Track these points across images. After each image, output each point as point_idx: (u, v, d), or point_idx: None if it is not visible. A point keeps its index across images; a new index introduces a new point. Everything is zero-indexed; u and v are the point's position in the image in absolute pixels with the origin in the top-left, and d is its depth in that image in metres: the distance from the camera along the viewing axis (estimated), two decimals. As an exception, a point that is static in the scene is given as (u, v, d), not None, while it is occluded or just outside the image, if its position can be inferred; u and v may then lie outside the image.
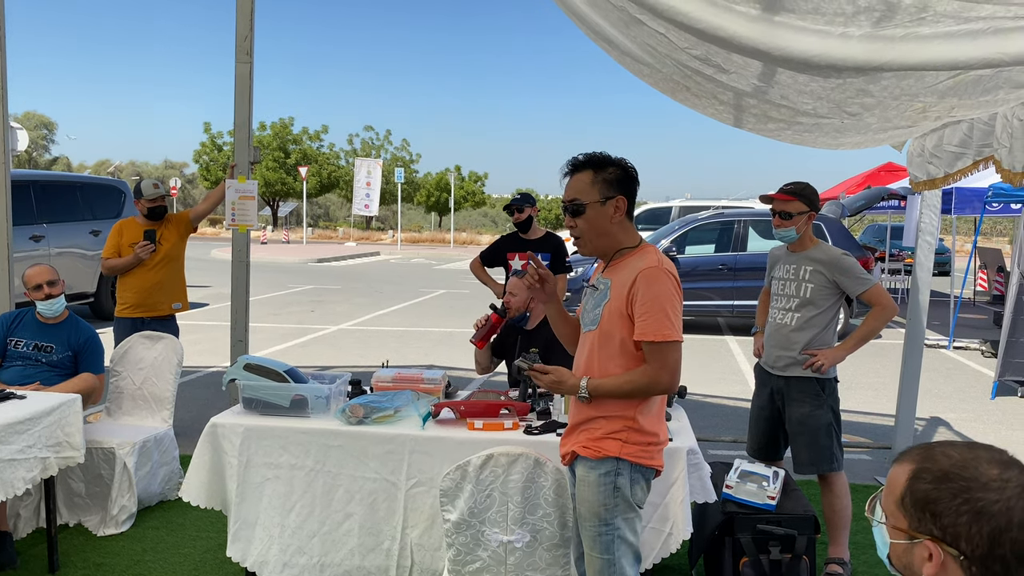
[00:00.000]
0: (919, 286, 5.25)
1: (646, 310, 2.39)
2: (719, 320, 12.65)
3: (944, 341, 10.86)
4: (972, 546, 1.21)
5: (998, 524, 1.20)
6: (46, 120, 57.85)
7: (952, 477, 1.24)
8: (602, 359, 2.50)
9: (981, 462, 1.24)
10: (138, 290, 5.34)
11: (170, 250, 5.45)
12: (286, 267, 22.97)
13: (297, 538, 3.41)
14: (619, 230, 2.54)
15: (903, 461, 1.33)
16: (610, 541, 2.49)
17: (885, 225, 18.53)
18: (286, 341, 10.25)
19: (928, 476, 1.27)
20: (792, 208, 3.80)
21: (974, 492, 1.22)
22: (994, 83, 2.73)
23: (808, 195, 3.80)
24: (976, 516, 1.21)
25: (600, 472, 2.48)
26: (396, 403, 3.51)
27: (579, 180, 2.53)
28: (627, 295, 2.43)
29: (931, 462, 1.28)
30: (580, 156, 2.57)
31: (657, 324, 2.39)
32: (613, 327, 2.47)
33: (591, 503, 2.49)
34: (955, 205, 10.85)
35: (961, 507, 1.22)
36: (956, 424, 6.86)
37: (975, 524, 1.21)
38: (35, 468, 3.50)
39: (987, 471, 1.23)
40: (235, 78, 5.37)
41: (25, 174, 11.11)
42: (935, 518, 1.25)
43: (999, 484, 1.21)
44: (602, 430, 2.49)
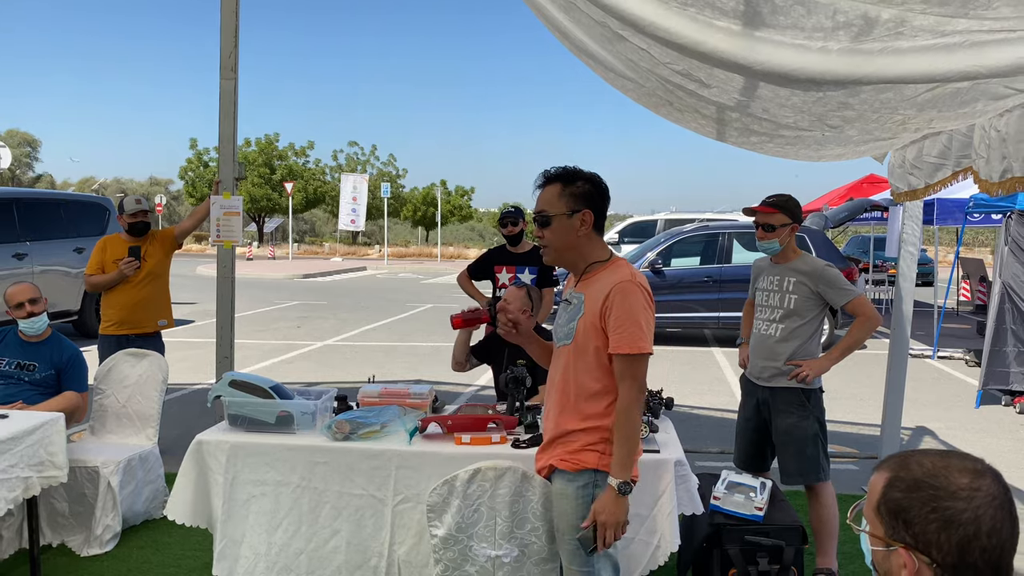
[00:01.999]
0: (902, 296, 5.29)
1: (620, 323, 2.42)
2: (705, 332, 12.69)
3: (928, 351, 10.93)
4: (943, 554, 1.23)
5: (966, 533, 1.21)
6: (29, 138, 57.50)
7: (923, 486, 1.26)
8: (577, 372, 2.52)
9: (952, 471, 1.26)
10: (123, 307, 5.31)
11: (155, 267, 5.42)
12: (272, 283, 22.89)
13: (284, 556, 3.38)
14: (586, 243, 2.57)
15: (881, 469, 1.35)
16: (575, 550, 2.51)
17: (868, 236, 18.68)
18: (272, 357, 10.20)
19: (901, 485, 1.28)
20: (775, 220, 3.83)
21: (943, 501, 1.23)
22: (971, 95, 2.77)
23: (791, 207, 3.84)
24: (945, 524, 1.22)
25: (578, 484, 2.50)
26: (383, 418, 3.50)
27: (548, 192, 2.57)
28: (600, 309, 2.46)
29: (905, 471, 1.30)
30: (552, 169, 2.61)
31: (631, 336, 2.42)
32: (588, 340, 2.50)
33: (570, 516, 2.51)
34: (937, 216, 10.95)
35: (930, 515, 1.24)
36: (941, 433, 6.90)
37: (944, 532, 1.22)
38: (17, 488, 3.46)
39: (957, 480, 1.24)
40: (220, 94, 5.37)
41: (8, 192, 11.03)
42: (907, 526, 1.26)
43: (968, 493, 1.23)
44: (579, 442, 2.51)
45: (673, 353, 10.97)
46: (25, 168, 56.99)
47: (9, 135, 54.45)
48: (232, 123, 5.40)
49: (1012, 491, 1.27)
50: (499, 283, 5.51)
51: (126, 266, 5.26)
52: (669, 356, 10.71)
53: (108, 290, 5.35)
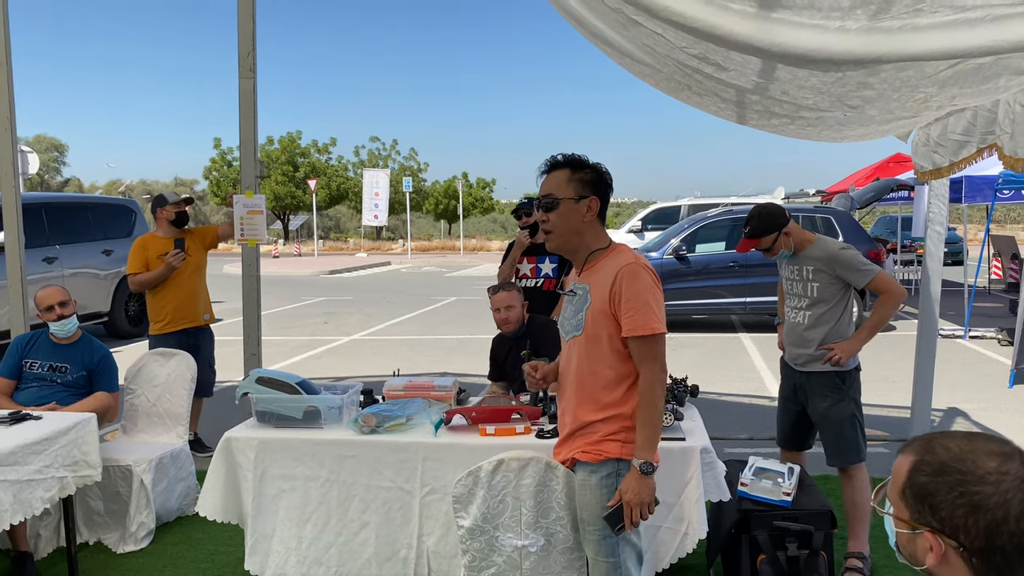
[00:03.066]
0: (930, 276, 5.22)
1: (631, 306, 2.44)
2: (733, 318, 12.61)
3: (960, 331, 10.78)
4: (970, 539, 1.21)
5: (994, 517, 1.20)
6: (57, 143, 58.37)
7: (949, 470, 1.24)
8: (591, 362, 2.53)
9: (979, 454, 1.24)
10: (178, 302, 5.48)
11: (198, 260, 5.62)
12: (298, 280, 23.06)
13: (314, 549, 3.42)
14: (589, 230, 2.60)
15: (906, 452, 1.34)
16: (614, 544, 2.52)
17: (896, 216, 18.42)
18: (299, 354, 10.29)
19: (927, 469, 1.27)
20: (764, 244, 3.85)
21: (970, 486, 1.22)
22: (994, 71, 2.72)
23: (767, 222, 3.81)
24: (973, 509, 1.21)
25: (602, 475, 2.52)
26: (408, 411, 3.53)
27: (555, 177, 2.60)
28: (609, 295, 2.48)
29: (930, 454, 1.28)
30: (559, 156, 2.64)
31: (644, 318, 2.43)
32: (599, 329, 2.51)
33: (593, 506, 2.52)
34: (965, 193, 10.77)
35: (957, 500, 1.22)
36: (974, 414, 6.80)
37: (971, 517, 1.21)
38: (53, 488, 3.53)
39: (985, 464, 1.23)
40: (239, 94, 5.41)
41: (36, 197, 11.20)
42: (933, 511, 1.25)
43: (996, 477, 1.21)
44: (600, 433, 2.53)
45: (701, 340, 10.92)
46: (53, 173, 57.82)
47: (37, 140, 55.28)
48: (252, 122, 5.44)
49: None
50: (520, 273, 5.50)
51: (174, 258, 5.39)
52: (696, 343, 10.65)
53: (155, 288, 5.44)
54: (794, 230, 3.85)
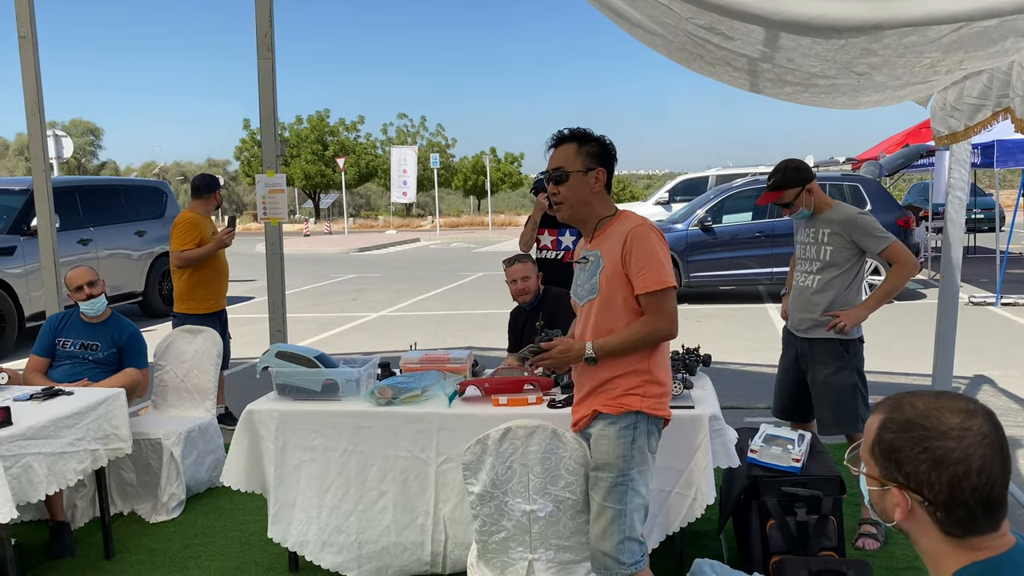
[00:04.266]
0: (951, 242, 5.17)
1: (643, 264, 2.56)
2: (759, 288, 12.54)
3: (992, 298, 10.63)
4: (934, 493, 1.26)
5: (956, 472, 1.24)
6: (92, 126, 59.20)
7: (914, 427, 1.29)
8: (608, 321, 2.66)
9: (944, 411, 1.28)
10: (223, 282, 5.75)
11: None
12: (329, 258, 23.30)
13: (335, 517, 3.53)
14: (597, 200, 2.72)
15: (876, 411, 1.38)
16: (624, 491, 2.62)
17: (929, 183, 18.10)
18: (328, 330, 10.45)
19: (893, 426, 1.32)
20: (786, 198, 3.83)
21: (933, 441, 1.26)
22: (1000, 33, 2.70)
23: (791, 176, 3.80)
24: (936, 464, 1.25)
25: (621, 426, 2.62)
26: (423, 383, 3.61)
27: (564, 151, 2.72)
28: (621, 257, 2.60)
29: (898, 412, 1.33)
30: (565, 130, 2.76)
31: (656, 274, 2.56)
32: (614, 290, 2.63)
33: (608, 455, 2.64)
34: (997, 158, 10.59)
35: (921, 456, 1.27)
36: (1001, 382, 6.75)
37: (934, 472, 1.25)
38: (85, 460, 3.68)
39: (948, 420, 1.27)
40: (258, 74, 5.49)
41: (70, 180, 11.46)
42: (899, 466, 1.29)
43: (959, 433, 1.25)
44: (620, 388, 2.64)
45: (727, 311, 10.89)
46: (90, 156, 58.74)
47: (73, 124, 56.14)
48: (272, 102, 5.52)
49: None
50: (540, 245, 5.55)
51: (227, 236, 5.56)
52: (723, 314, 10.64)
53: (201, 267, 5.61)
54: (816, 190, 3.85)
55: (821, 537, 3.27)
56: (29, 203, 9.29)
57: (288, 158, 45.75)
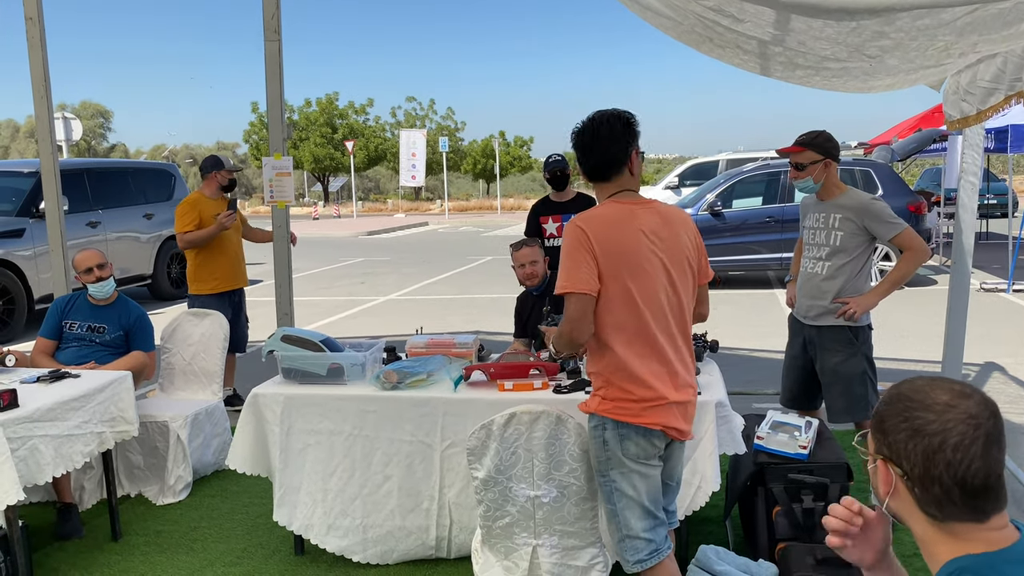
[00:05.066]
0: (962, 228, 5.12)
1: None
2: (769, 274, 12.48)
3: (1003, 284, 10.55)
4: (911, 464, 1.25)
5: (931, 444, 1.23)
6: (102, 109, 59.29)
7: (902, 398, 1.29)
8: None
9: (936, 389, 1.28)
10: (228, 264, 5.75)
11: (240, 223, 5.90)
12: (337, 241, 23.31)
13: (340, 501, 3.54)
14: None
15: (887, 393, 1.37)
16: (609, 492, 2.60)
17: (942, 168, 17.93)
18: (336, 313, 10.46)
19: (886, 398, 1.33)
20: (804, 158, 3.76)
21: (914, 411, 1.26)
22: (1015, 15, 2.65)
23: (820, 143, 3.74)
24: (913, 434, 1.25)
25: (592, 425, 2.63)
26: (429, 367, 3.60)
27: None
28: None
29: (895, 388, 1.33)
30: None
31: (560, 279, 2.51)
32: None
33: (591, 454, 2.68)
34: (1011, 143, 10.48)
35: (901, 424, 1.27)
36: (1011, 369, 6.70)
37: (911, 442, 1.25)
38: (92, 442, 3.69)
39: (937, 396, 1.26)
40: (265, 57, 5.45)
41: (78, 162, 11.47)
42: (884, 436, 1.30)
43: (942, 408, 1.24)
44: (593, 387, 2.65)
45: (736, 296, 10.85)
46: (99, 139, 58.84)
47: (83, 107, 56.20)
48: (278, 85, 5.49)
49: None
50: (547, 233, 5.52)
51: (227, 218, 5.61)
52: (732, 299, 10.59)
53: (202, 249, 5.62)
54: (832, 173, 3.80)
55: (827, 524, 3.25)
56: (38, 185, 9.30)
57: (297, 141, 45.73)
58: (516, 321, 4.64)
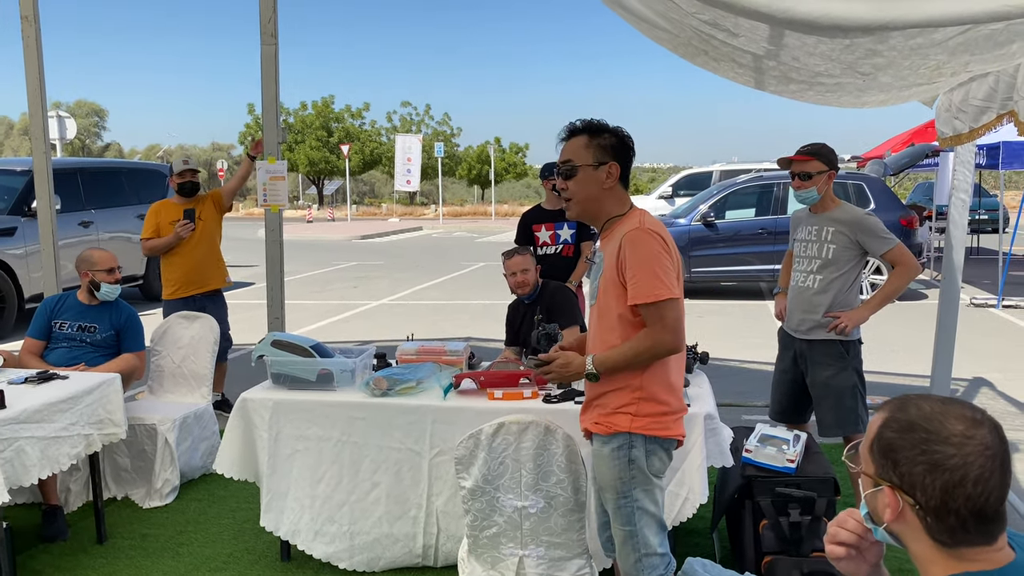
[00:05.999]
0: (953, 244, 5.15)
1: (634, 273, 2.39)
2: (761, 285, 12.52)
3: (993, 300, 10.60)
4: (927, 497, 1.23)
5: (952, 478, 1.21)
6: (97, 108, 59.19)
7: (916, 428, 1.26)
8: (602, 331, 2.53)
9: (949, 417, 1.25)
10: (185, 268, 5.58)
11: (210, 226, 5.69)
12: (331, 245, 23.29)
13: (327, 507, 3.53)
14: (609, 196, 2.55)
15: (881, 410, 1.36)
16: (630, 513, 2.50)
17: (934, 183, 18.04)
18: (328, 317, 10.45)
19: (895, 425, 1.29)
20: (811, 168, 3.78)
21: (932, 444, 1.23)
22: (1006, 36, 2.67)
23: (826, 154, 3.78)
24: (932, 468, 1.23)
25: (613, 447, 2.49)
26: (419, 375, 3.60)
27: (574, 143, 2.56)
28: (616, 262, 2.44)
29: (902, 412, 1.30)
30: (577, 121, 2.60)
31: (648, 285, 2.37)
32: (609, 298, 2.49)
33: (607, 477, 2.52)
34: (1003, 160, 10.54)
35: (918, 458, 1.24)
36: (1000, 384, 6.73)
37: (929, 476, 1.23)
38: (79, 444, 3.67)
39: (952, 426, 1.24)
40: (261, 60, 5.46)
41: (72, 162, 11.44)
42: (895, 466, 1.27)
43: (960, 440, 1.22)
44: (612, 405, 2.50)
45: (727, 307, 10.88)
46: (94, 138, 58.69)
47: (78, 105, 56.07)
48: (274, 88, 5.49)
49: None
50: (539, 241, 5.52)
51: (182, 228, 5.50)
52: (723, 310, 10.62)
53: (166, 254, 5.57)
54: (831, 185, 3.84)
55: (814, 538, 3.26)
56: (30, 184, 9.25)
57: (292, 144, 45.70)
58: (507, 329, 4.64)
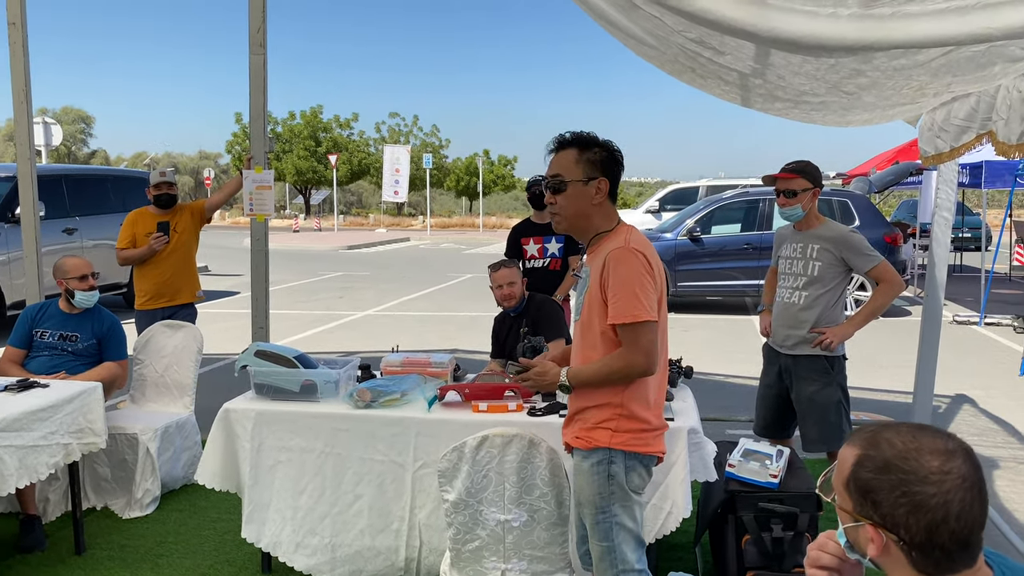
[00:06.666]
0: (936, 262, 5.20)
1: (615, 292, 2.37)
2: (746, 300, 12.58)
3: (975, 317, 10.69)
4: (911, 535, 1.24)
5: (935, 517, 1.22)
6: (83, 114, 58.74)
7: (892, 468, 1.26)
8: (584, 348, 2.51)
9: (923, 453, 1.25)
10: (157, 280, 5.49)
11: (185, 239, 5.60)
12: (317, 255, 23.22)
13: (309, 519, 3.51)
14: (597, 212, 2.53)
15: (852, 443, 1.35)
16: (608, 528, 2.49)
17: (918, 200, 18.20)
18: (313, 328, 10.41)
19: (870, 465, 1.29)
20: (796, 186, 3.82)
21: (912, 485, 1.23)
22: (988, 59, 2.71)
23: (811, 172, 3.82)
24: (914, 509, 1.23)
25: (592, 461, 2.48)
26: (403, 387, 3.59)
27: (563, 157, 2.53)
28: (600, 279, 2.42)
29: (875, 449, 1.29)
30: (567, 134, 2.57)
31: (626, 305, 2.35)
32: (592, 315, 2.47)
33: (586, 491, 2.51)
34: (985, 178, 10.67)
35: (899, 499, 1.24)
36: (982, 401, 6.78)
37: (912, 516, 1.23)
38: (58, 454, 3.63)
39: (928, 463, 1.24)
40: (249, 70, 5.45)
41: (56, 168, 11.37)
42: (875, 506, 1.27)
43: (938, 477, 1.23)
44: (593, 420, 2.48)
45: (712, 321, 10.92)
46: (80, 144, 58.31)
47: (64, 112, 55.72)
48: (262, 98, 5.49)
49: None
50: (527, 255, 5.54)
51: (155, 241, 5.43)
52: (708, 324, 10.66)
53: (140, 264, 5.52)
54: (815, 202, 3.88)
55: (796, 554, 3.26)
56: (14, 190, 9.18)
57: (280, 153, 45.62)
58: (493, 342, 4.64)
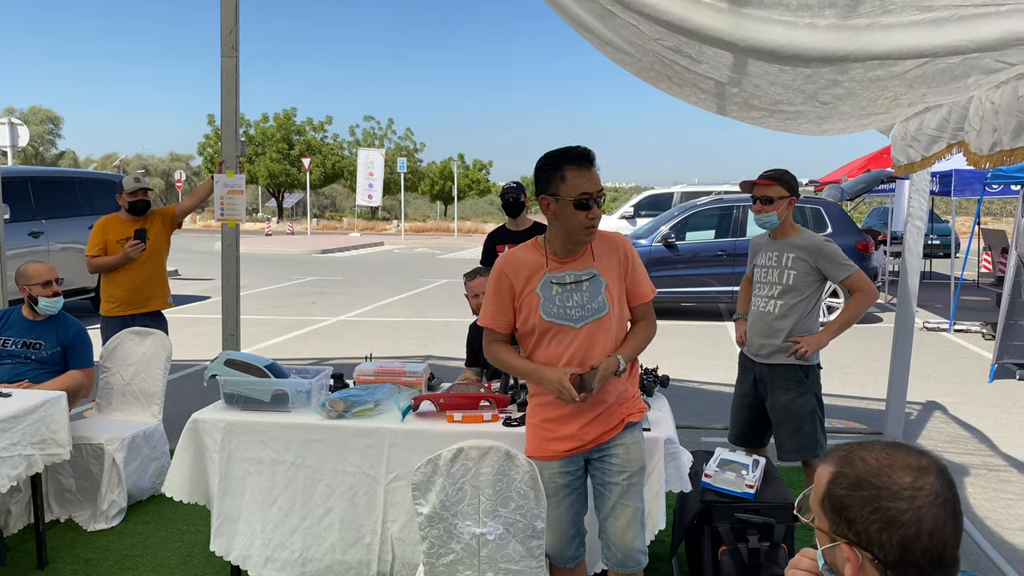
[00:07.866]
0: (908, 270, 5.24)
1: (640, 274, 2.83)
2: (720, 306, 12.64)
3: (945, 324, 10.82)
4: (885, 552, 1.23)
5: (907, 533, 1.22)
6: (52, 115, 57.88)
7: (865, 485, 1.26)
8: (619, 335, 2.83)
9: (896, 469, 1.25)
10: (129, 287, 5.35)
11: (157, 245, 5.49)
12: (290, 259, 23.02)
13: (279, 532, 3.44)
14: None
15: (827, 462, 1.35)
16: (641, 489, 2.85)
17: (889, 208, 18.43)
18: (285, 333, 10.29)
19: (844, 482, 1.29)
20: (773, 193, 3.82)
21: (884, 501, 1.23)
22: (962, 70, 2.71)
23: (788, 180, 3.82)
24: (887, 525, 1.23)
25: (642, 427, 2.96)
26: (376, 396, 3.53)
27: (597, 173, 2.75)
28: (619, 269, 2.78)
29: (849, 467, 1.30)
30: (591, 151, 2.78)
31: (648, 283, 2.88)
32: (623, 304, 2.81)
33: (642, 459, 2.86)
34: (955, 187, 10.81)
35: (872, 516, 1.24)
36: (952, 408, 6.85)
37: (885, 533, 1.23)
38: (20, 465, 3.53)
39: (900, 479, 1.24)
40: (221, 72, 5.37)
41: (22, 170, 11.14)
42: (849, 524, 1.27)
43: (910, 493, 1.23)
44: (632, 393, 2.88)
45: (687, 328, 10.94)
46: (48, 145, 57.43)
47: (32, 112, 54.88)
48: (234, 101, 5.40)
49: None
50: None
51: (132, 249, 5.29)
52: (682, 331, 10.68)
53: (111, 271, 5.38)
54: (791, 211, 3.89)
55: (772, 565, 3.25)
56: (-21, 193, 9.02)
57: (253, 156, 45.22)
58: (468, 350, 4.59)
